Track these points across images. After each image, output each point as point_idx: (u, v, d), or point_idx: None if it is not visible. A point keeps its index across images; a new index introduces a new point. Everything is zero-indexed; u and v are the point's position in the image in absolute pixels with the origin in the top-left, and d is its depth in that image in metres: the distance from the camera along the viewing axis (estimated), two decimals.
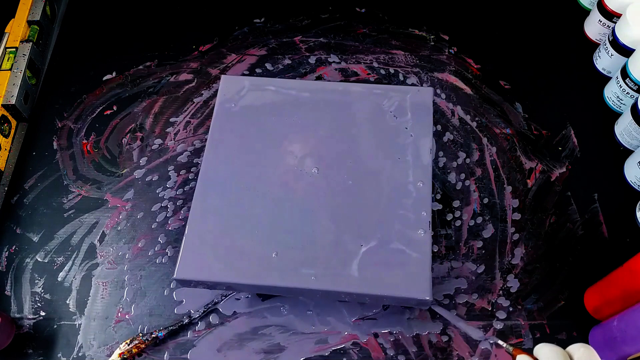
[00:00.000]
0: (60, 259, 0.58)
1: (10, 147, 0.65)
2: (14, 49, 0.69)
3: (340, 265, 0.47)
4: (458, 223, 0.59)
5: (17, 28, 0.70)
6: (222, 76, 0.57)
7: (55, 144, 0.66)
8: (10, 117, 0.65)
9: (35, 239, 0.60)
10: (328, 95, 0.56)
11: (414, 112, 0.54)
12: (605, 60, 0.67)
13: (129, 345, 0.52)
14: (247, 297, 0.55)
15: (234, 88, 0.56)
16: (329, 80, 0.69)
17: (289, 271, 0.47)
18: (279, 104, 0.55)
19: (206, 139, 0.54)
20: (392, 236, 0.48)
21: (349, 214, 0.49)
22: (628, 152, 0.62)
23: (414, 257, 0.47)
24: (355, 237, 0.48)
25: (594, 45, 0.71)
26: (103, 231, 0.60)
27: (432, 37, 0.73)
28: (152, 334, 0.52)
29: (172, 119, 0.67)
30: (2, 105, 0.64)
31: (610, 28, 0.67)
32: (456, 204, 0.60)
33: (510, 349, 0.41)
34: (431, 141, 0.53)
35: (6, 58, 0.68)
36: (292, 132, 0.54)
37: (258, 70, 0.70)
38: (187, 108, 0.68)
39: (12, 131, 0.66)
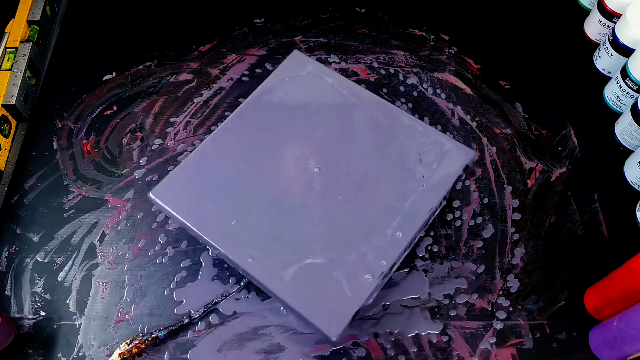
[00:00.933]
0: (60, 259, 0.58)
1: (10, 147, 0.65)
2: (14, 49, 0.69)
3: (279, 264, 0.47)
4: (458, 223, 0.59)
5: (17, 28, 0.70)
6: (294, 51, 0.58)
7: (55, 144, 0.66)
8: (10, 117, 0.65)
9: (35, 239, 0.60)
10: (372, 110, 0.54)
11: (441, 166, 0.51)
12: (605, 60, 0.67)
13: (129, 345, 0.52)
14: (247, 297, 0.55)
15: (298, 66, 0.57)
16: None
17: (235, 243, 0.48)
18: (325, 97, 0.55)
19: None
20: (341, 265, 0.47)
21: (319, 223, 0.49)
22: (628, 152, 0.62)
23: (347, 295, 0.46)
24: (309, 245, 0.48)
25: (594, 45, 0.71)
26: (103, 231, 0.60)
27: (432, 37, 0.73)
28: (152, 334, 0.52)
29: (172, 119, 0.67)
30: (2, 105, 0.64)
31: (610, 28, 0.67)
32: (456, 204, 0.60)
33: None
34: (439, 203, 0.51)
35: (6, 58, 0.68)
36: (320, 128, 0.54)
37: (258, 70, 0.70)
38: (187, 108, 0.68)
39: (12, 131, 0.66)
